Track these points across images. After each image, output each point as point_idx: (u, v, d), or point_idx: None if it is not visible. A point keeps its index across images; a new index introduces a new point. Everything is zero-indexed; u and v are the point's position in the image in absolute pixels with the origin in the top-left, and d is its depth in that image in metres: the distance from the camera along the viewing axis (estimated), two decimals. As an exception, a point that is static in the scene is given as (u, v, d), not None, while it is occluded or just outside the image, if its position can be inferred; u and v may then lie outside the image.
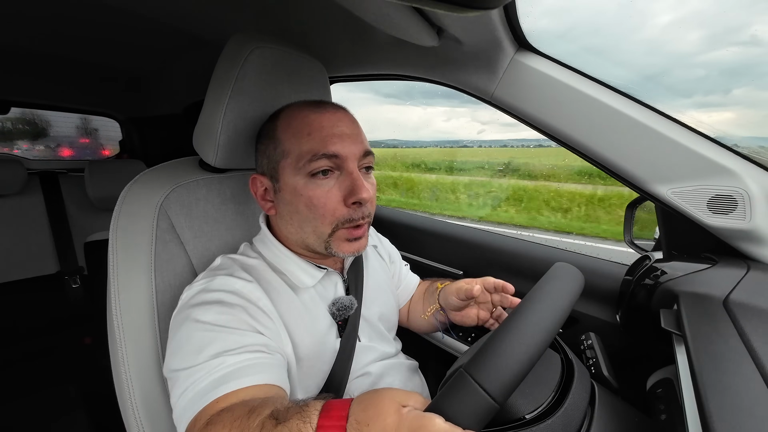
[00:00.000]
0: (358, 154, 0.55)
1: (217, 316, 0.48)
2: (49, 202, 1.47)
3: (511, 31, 0.62)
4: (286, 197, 0.56)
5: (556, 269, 0.46)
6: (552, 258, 0.90)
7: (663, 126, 0.58)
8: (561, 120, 0.64)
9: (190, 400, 0.42)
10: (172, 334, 0.50)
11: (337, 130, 0.54)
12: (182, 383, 0.44)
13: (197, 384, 0.43)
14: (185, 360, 0.45)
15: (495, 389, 0.31)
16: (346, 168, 0.54)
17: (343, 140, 0.54)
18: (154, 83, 1.57)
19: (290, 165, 0.55)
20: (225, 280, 0.53)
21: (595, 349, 0.59)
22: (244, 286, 0.53)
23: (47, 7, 0.93)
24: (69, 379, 1.42)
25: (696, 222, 0.58)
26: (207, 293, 0.51)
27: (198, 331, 0.47)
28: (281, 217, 0.59)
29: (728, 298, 0.48)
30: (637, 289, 0.63)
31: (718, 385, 0.34)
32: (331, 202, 0.54)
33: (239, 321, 0.49)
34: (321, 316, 0.60)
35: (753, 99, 28.51)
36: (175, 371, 0.46)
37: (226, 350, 0.45)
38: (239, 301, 0.51)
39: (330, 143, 0.53)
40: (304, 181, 0.54)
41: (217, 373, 0.43)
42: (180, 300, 0.54)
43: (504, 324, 0.37)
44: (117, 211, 0.60)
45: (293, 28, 0.89)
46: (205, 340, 0.46)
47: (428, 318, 0.75)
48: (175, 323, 0.51)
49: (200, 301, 0.50)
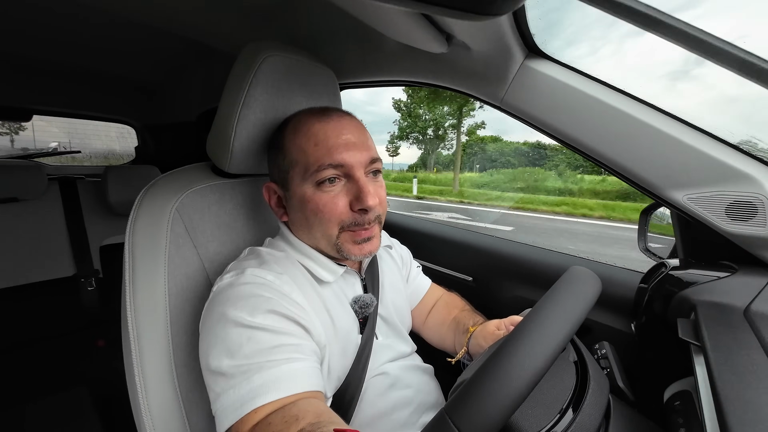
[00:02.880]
0: (364, 162, 0.56)
1: (251, 312, 0.48)
2: (67, 207, 1.51)
3: (521, 37, 0.62)
4: (295, 205, 0.58)
5: (571, 275, 0.43)
6: (564, 264, 0.88)
7: (678, 130, 0.57)
8: (573, 125, 0.63)
9: (232, 404, 0.43)
10: (207, 331, 0.50)
11: (342, 139, 0.55)
12: (221, 383, 0.45)
13: (237, 389, 0.44)
14: (223, 359, 0.46)
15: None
16: (352, 175, 0.55)
17: (349, 149, 0.55)
18: (169, 92, 1.62)
19: (298, 175, 0.56)
20: (255, 272, 0.53)
21: (610, 359, 0.58)
22: (276, 278, 0.53)
23: (68, 20, 0.97)
24: (82, 381, 1.44)
25: (714, 229, 0.57)
26: (238, 287, 0.51)
27: (233, 329, 0.47)
28: (293, 223, 0.62)
29: (749, 307, 0.47)
30: (653, 298, 0.61)
31: (740, 398, 0.33)
32: (337, 207, 0.55)
33: (274, 317, 0.49)
34: (345, 312, 0.61)
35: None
36: (215, 369, 0.46)
37: (262, 349, 0.45)
38: (272, 294, 0.51)
39: (336, 153, 0.54)
40: (312, 190, 0.55)
41: (255, 381, 0.43)
42: (211, 292, 0.54)
43: (500, 350, 0.34)
44: (133, 215, 0.62)
45: (304, 37, 0.90)
46: (242, 339, 0.46)
47: (454, 361, 0.74)
48: (208, 318, 0.51)
49: (233, 296, 0.50)
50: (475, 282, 1.03)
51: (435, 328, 0.82)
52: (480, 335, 0.67)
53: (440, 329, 0.80)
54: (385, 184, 0.62)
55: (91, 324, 1.55)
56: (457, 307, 0.82)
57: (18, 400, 1.32)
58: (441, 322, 0.81)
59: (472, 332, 0.69)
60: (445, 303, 0.85)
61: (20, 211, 1.40)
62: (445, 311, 0.82)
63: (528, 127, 0.69)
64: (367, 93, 48.47)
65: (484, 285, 1.02)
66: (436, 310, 0.84)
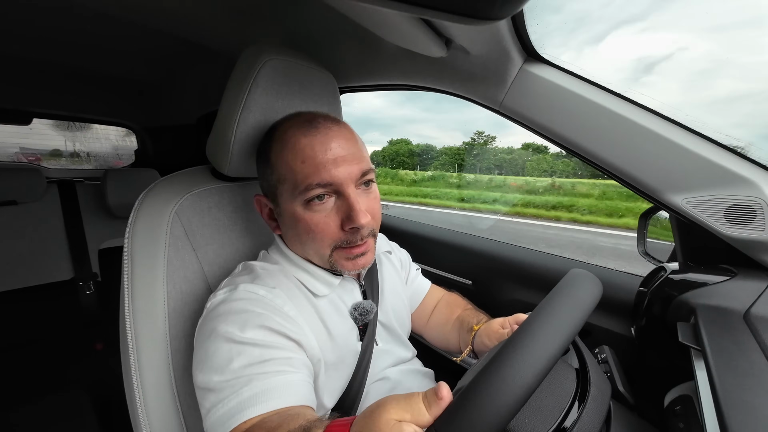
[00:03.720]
0: (355, 176, 0.54)
1: (242, 327, 0.48)
2: (66, 210, 1.51)
3: (519, 41, 0.62)
4: (286, 221, 0.57)
5: (572, 277, 0.43)
6: (563, 268, 0.88)
7: (677, 134, 0.57)
8: (571, 129, 0.63)
9: (220, 418, 0.43)
10: (198, 346, 0.50)
11: (330, 154, 0.52)
12: (211, 398, 0.45)
13: (226, 403, 0.43)
14: (212, 375, 0.46)
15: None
16: (342, 192, 0.53)
17: (338, 165, 0.52)
18: (168, 94, 1.62)
19: (287, 191, 0.55)
20: (248, 288, 0.53)
21: (610, 363, 0.57)
22: (268, 292, 0.53)
23: (67, 21, 0.97)
24: (80, 384, 1.44)
25: (713, 233, 0.57)
26: (231, 303, 0.51)
27: (224, 344, 0.47)
28: (286, 237, 0.61)
29: (749, 311, 0.47)
30: (653, 301, 0.61)
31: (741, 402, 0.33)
32: (329, 228, 0.54)
33: (264, 332, 0.48)
34: (342, 321, 0.60)
35: None
36: (204, 386, 0.46)
37: (251, 363, 0.45)
38: (263, 309, 0.50)
39: (323, 171, 0.52)
40: (302, 209, 0.54)
41: (244, 394, 0.43)
42: (204, 309, 0.54)
43: (497, 357, 0.33)
44: (132, 218, 0.62)
45: (304, 41, 0.91)
46: (232, 354, 0.46)
47: (460, 360, 0.73)
48: (200, 334, 0.51)
49: (224, 312, 0.50)
50: (474, 285, 1.03)
51: (438, 328, 0.81)
52: (484, 333, 0.66)
53: (443, 329, 0.80)
54: (379, 193, 0.61)
55: (89, 326, 1.55)
56: (460, 306, 0.82)
57: (15, 402, 1.31)
58: (444, 322, 0.81)
59: (476, 330, 0.69)
60: (446, 303, 0.84)
61: (19, 214, 1.39)
62: (448, 311, 0.82)
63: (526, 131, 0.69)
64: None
65: (484, 288, 1.01)
66: (438, 311, 0.84)
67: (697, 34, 48.26)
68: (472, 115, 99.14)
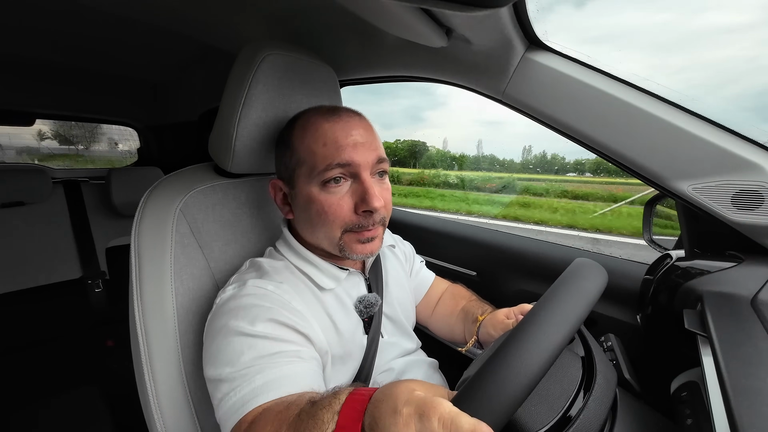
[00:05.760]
0: (371, 162, 0.56)
1: (252, 321, 0.49)
2: (72, 210, 1.52)
3: (521, 29, 0.61)
4: (300, 203, 0.58)
5: (577, 266, 0.42)
6: (568, 257, 0.88)
7: (682, 120, 0.56)
8: (575, 117, 0.63)
9: (233, 405, 0.44)
10: (209, 341, 0.51)
11: (350, 139, 0.55)
12: (223, 388, 0.46)
13: (239, 390, 0.44)
14: (224, 367, 0.46)
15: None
16: (359, 175, 0.55)
17: (356, 149, 0.55)
18: (170, 92, 1.62)
19: (305, 173, 0.56)
20: (256, 283, 0.54)
21: (616, 351, 0.58)
22: (276, 287, 0.54)
23: (69, 21, 0.97)
24: (92, 380, 1.46)
25: (720, 219, 0.56)
26: (240, 298, 0.52)
27: (235, 338, 0.48)
28: (298, 221, 0.62)
29: (756, 297, 0.47)
30: (659, 289, 0.61)
31: (747, 388, 0.33)
32: (342, 210, 0.55)
33: (274, 326, 0.49)
34: (348, 314, 0.61)
35: None
36: (215, 378, 0.47)
37: (262, 355, 0.46)
38: (272, 303, 0.51)
39: (344, 152, 0.54)
40: (318, 190, 0.56)
41: (257, 381, 0.44)
42: (214, 305, 0.55)
43: (505, 344, 0.33)
44: (138, 216, 0.62)
45: (303, 35, 0.90)
46: (243, 347, 0.47)
47: (465, 350, 0.74)
48: (210, 329, 0.52)
49: (234, 307, 0.51)
50: (479, 277, 1.03)
51: (443, 319, 0.82)
52: (489, 324, 0.67)
53: (448, 320, 0.81)
54: (391, 188, 0.62)
55: (99, 324, 1.57)
56: (464, 297, 0.83)
57: (30, 400, 1.34)
58: (449, 313, 0.81)
59: (481, 321, 0.70)
60: (451, 294, 0.85)
61: (27, 215, 1.41)
62: (453, 302, 0.83)
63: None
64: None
65: (488, 279, 1.02)
66: (443, 302, 0.84)
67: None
68: (387, 108, 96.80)
